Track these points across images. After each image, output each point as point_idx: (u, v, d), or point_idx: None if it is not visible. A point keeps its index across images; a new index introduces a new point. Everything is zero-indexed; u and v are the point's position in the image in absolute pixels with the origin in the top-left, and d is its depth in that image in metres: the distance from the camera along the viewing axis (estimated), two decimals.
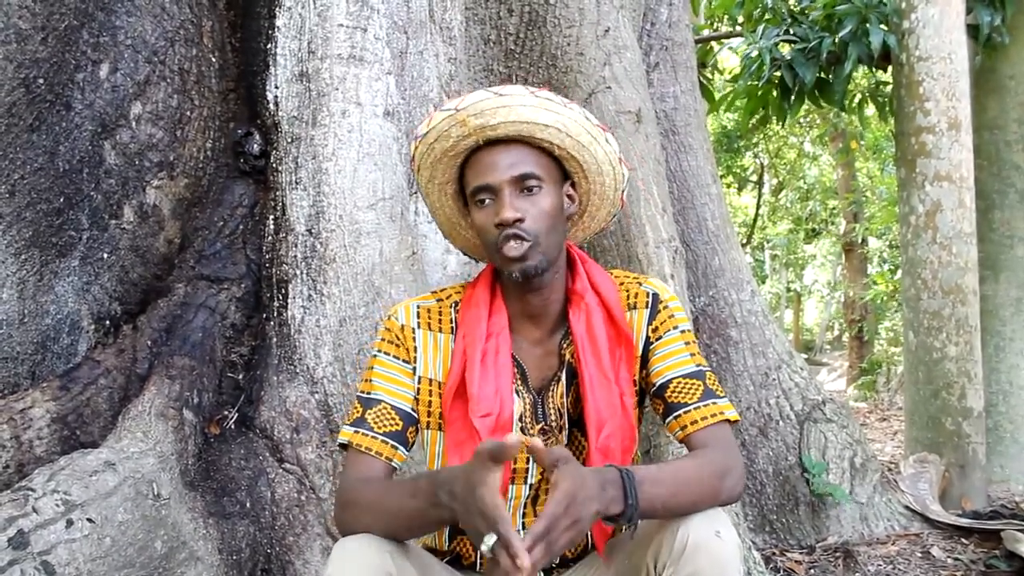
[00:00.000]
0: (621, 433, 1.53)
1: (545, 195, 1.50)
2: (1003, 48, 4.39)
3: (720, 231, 3.50)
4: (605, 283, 1.61)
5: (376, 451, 1.51)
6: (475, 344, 1.53)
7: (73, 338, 2.43)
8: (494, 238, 1.49)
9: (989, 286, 4.33)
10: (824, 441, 3.31)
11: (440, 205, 1.66)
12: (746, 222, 15.07)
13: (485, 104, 1.45)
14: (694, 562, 1.33)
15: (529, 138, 1.50)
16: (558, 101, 1.49)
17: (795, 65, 4.71)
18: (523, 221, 1.47)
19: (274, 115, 2.59)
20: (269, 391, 2.37)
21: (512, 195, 1.48)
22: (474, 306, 1.58)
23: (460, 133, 1.49)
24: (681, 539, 1.34)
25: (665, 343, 1.59)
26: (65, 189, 2.41)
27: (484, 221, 1.51)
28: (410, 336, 1.59)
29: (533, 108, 1.46)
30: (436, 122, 1.50)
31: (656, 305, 1.61)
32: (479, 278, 1.63)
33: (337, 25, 2.56)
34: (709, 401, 1.54)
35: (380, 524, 1.39)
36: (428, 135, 1.52)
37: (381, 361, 1.59)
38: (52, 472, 1.93)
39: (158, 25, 2.62)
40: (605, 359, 1.55)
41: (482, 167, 1.50)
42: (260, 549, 2.25)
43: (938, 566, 2.97)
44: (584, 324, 1.56)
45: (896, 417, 7.98)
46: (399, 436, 1.54)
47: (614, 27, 3.03)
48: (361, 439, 1.52)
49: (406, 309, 1.62)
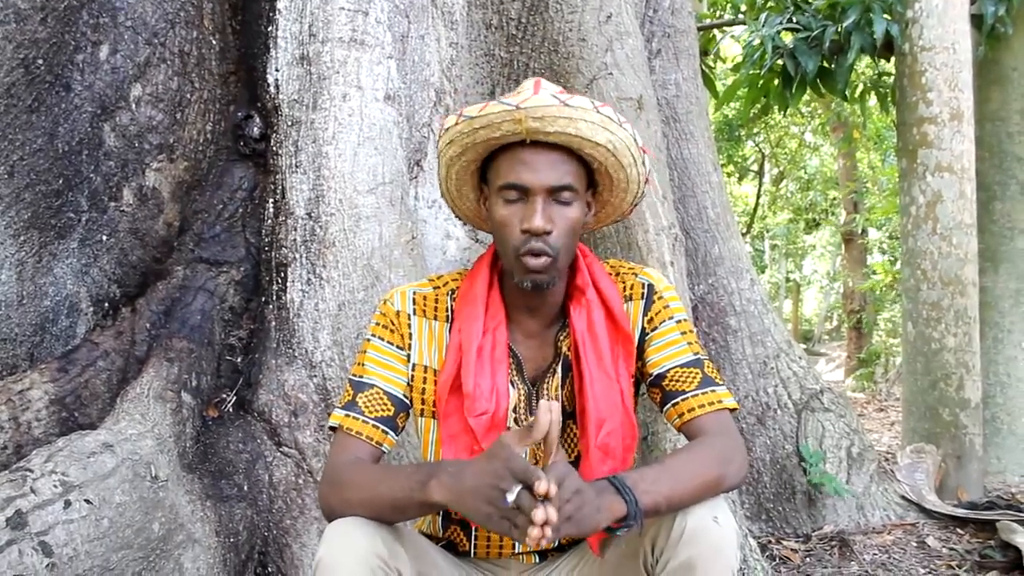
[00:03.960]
0: (622, 431, 1.53)
1: (575, 207, 1.50)
2: (1007, 39, 4.37)
3: (720, 219, 3.50)
4: (605, 279, 1.60)
5: (367, 436, 1.52)
6: (471, 340, 1.52)
7: (72, 320, 2.43)
8: (516, 242, 1.48)
9: (988, 277, 4.33)
10: (821, 430, 3.32)
11: (456, 178, 1.62)
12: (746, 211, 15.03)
13: (549, 111, 1.42)
14: (692, 548, 1.33)
15: (578, 150, 1.49)
16: (615, 120, 1.48)
17: (797, 54, 4.68)
18: (550, 233, 1.46)
19: (274, 98, 2.58)
20: (267, 374, 2.38)
21: (545, 203, 1.46)
22: (471, 301, 1.56)
23: (511, 128, 1.45)
24: (679, 525, 1.35)
25: (661, 334, 1.59)
26: (64, 171, 2.41)
27: (508, 218, 1.48)
28: (405, 322, 1.59)
29: (592, 125, 1.45)
30: (490, 112, 1.45)
31: (651, 296, 1.61)
32: (477, 267, 1.62)
33: (338, 8, 2.55)
34: (708, 389, 1.54)
35: (366, 506, 1.39)
36: (475, 120, 1.47)
37: (375, 346, 1.59)
38: (50, 453, 1.94)
39: (158, 7, 2.60)
40: (606, 356, 1.55)
41: (521, 165, 1.47)
42: (257, 532, 2.25)
43: (933, 556, 2.98)
44: (585, 321, 1.56)
45: (894, 408, 7.99)
46: (389, 421, 1.54)
47: (616, 13, 3.01)
48: (352, 423, 1.52)
49: (402, 295, 1.61)
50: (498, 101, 1.45)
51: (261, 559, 2.26)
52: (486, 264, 1.60)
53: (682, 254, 2.96)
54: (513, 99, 1.44)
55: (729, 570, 1.35)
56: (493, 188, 1.53)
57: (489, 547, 1.62)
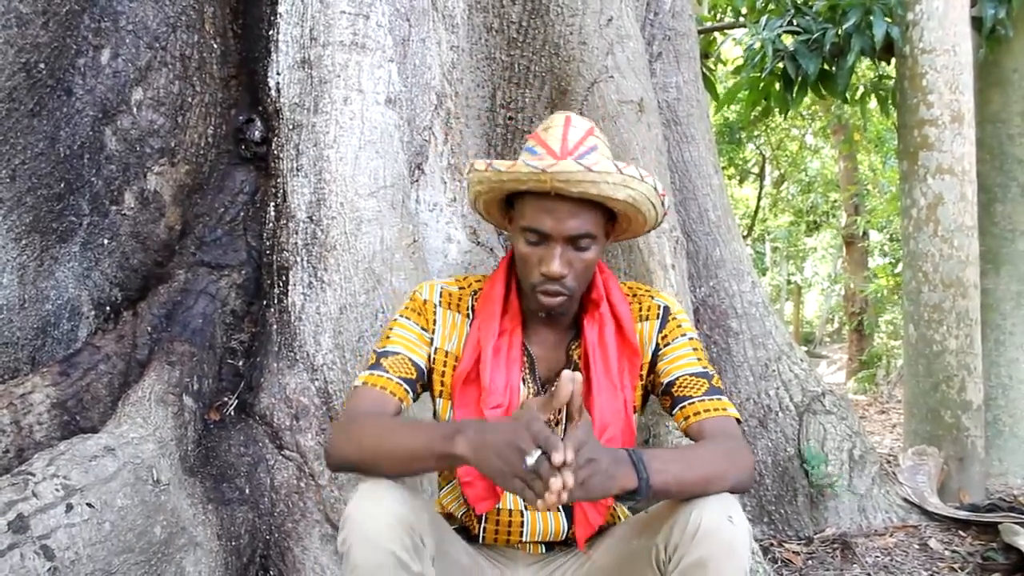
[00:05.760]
0: (622, 437, 1.60)
1: (592, 250, 1.57)
2: (1007, 41, 4.38)
3: (721, 222, 3.50)
4: (618, 294, 1.68)
5: (391, 390, 1.58)
6: (488, 339, 1.61)
7: (73, 324, 2.43)
8: (535, 279, 1.57)
9: (990, 280, 4.32)
10: (823, 433, 3.32)
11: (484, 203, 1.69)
12: (747, 214, 15.03)
13: (574, 176, 1.48)
14: (705, 546, 1.36)
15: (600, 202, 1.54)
16: (637, 176, 1.53)
17: (798, 56, 4.69)
18: (567, 276, 1.55)
19: (275, 102, 2.58)
20: (269, 378, 2.38)
21: (564, 249, 1.54)
22: (490, 302, 1.65)
23: (536, 185, 1.52)
24: (694, 522, 1.38)
25: (674, 348, 1.68)
26: (66, 174, 2.41)
27: (529, 257, 1.57)
28: (431, 310, 1.69)
29: (614, 186, 1.50)
30: (518, 171, 1.51)
31: (666, 316, 1.70)
32: (498, 272, 1.70)
33: (339, 12, 2.55)
34: (715, 396, 1.61)
35: (380, 452, 1.44)
36: (503, 174, 1.54)
37: (401, 324, 1.68)
38: (52, 457, 1.94)
39: (159, 11, 2.61)
40: (613, 368, 1.63)
41: (543, 213, 1.53)
42: (259, 535, 2.25)
43: (935, 558, 2.98)
44: (596, 333, 1.64)
45: (895, 410, 7.99)
46: (411, 383, 1.61)
47: (617, 16, 3.02)
48: (375, 379, 1.58)
49: (431, 287, 1.72)
50: (526, 163, 1.50)
51: (263, 562, 2.26)
52: (505, 269, 1.69)
53: (683, 257, 2.96)
54: (539, 162, 1.49)
55: (741, 570, 1.38)
56: (517, 224, 1.60)
57: (497, 534, 1.67)
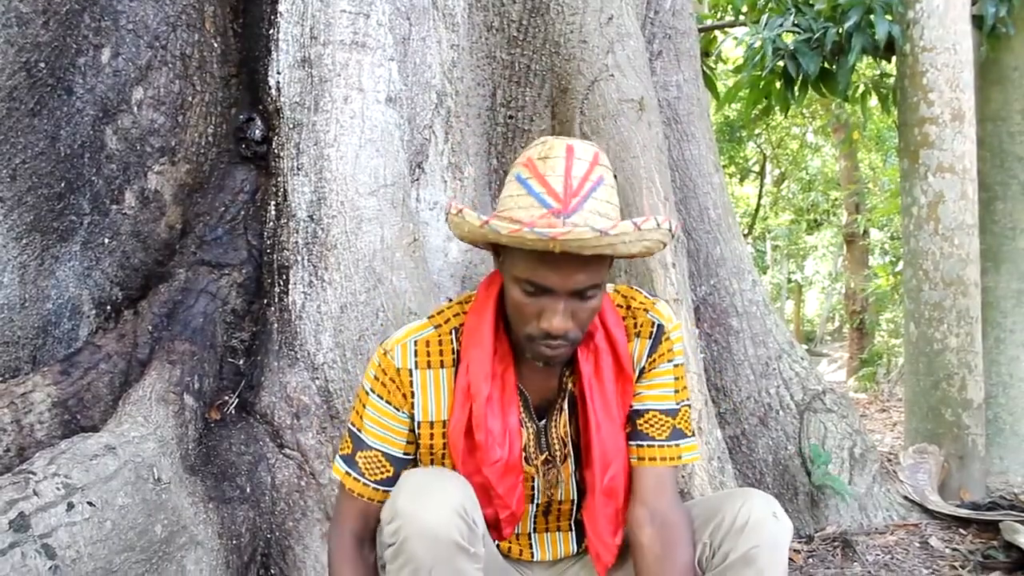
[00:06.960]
0: (624, 474, 1.57)
1: (598, 297, 1.42)
2: (1008, 39, 4.37)
3: (722, 220, 3.50)
4: (614, 319, 1.56)
5: (368, 497, 1.57)
6: (480, 386, 1.47)
7: (74, 323, 2.43)
8: (532, 331, 1.41)
9: (990, 278, 4.32)
10: (824, 431, 3.32)
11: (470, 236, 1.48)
12: (748, 212, 15.02)
13: (588, 241, 1.29)
14: (754, 538, 1.41)
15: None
16: (654, 227, 1.36)
17: (799, 55, 4.69)
18: (571, 330, 1.40)
19: (276, 101, 2.58)
20: (270, 377, 2.38)
21: (567, 302, 1.37)
22: (478, 343, 1.49)
23: (542, 245, 1.31)
24: (743, 516, 1.43)
25: (657, 374, 1.59)
26: (66, 174, 2.41)
27: (525, 308, 1.40)
28: (406, 380, 1.53)
29: (630, 243, 1.34)
30: (523, 236, 1.30)
31: (659, 336, 1.58)
32: (482, 302, 1.52)
33: (339, 11, 2.55)
34: (672, 442, 1.57)
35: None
36: (503, 237, 1.34)
37: (372, 403, 1.56)
38: (53, 456, 1.94)
39: (160, 10, 2.60)
40: (612, 401, 1.54)
41: (544, 267, 1.34)
42: (260, 534, 2.25)
43: (936, 556, 2.98)
44: (592, 366, 1.53)
45: (896, 408, 7.98)
46: (389, 481, 1.55)
47: (617, 15, 3.02)
48: (353, 484, 1.58)
49: (402, 349, 1.53)
50: (534, 229, 1.28)
51: (264, 561, 2.26)
52: (492, 300, 1.52)
53: (684, 255, 2.96)
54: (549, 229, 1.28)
55: (783, 567, 1.42)
56: (509, 270, 1.42)
57: (510, 552, 1.68)
